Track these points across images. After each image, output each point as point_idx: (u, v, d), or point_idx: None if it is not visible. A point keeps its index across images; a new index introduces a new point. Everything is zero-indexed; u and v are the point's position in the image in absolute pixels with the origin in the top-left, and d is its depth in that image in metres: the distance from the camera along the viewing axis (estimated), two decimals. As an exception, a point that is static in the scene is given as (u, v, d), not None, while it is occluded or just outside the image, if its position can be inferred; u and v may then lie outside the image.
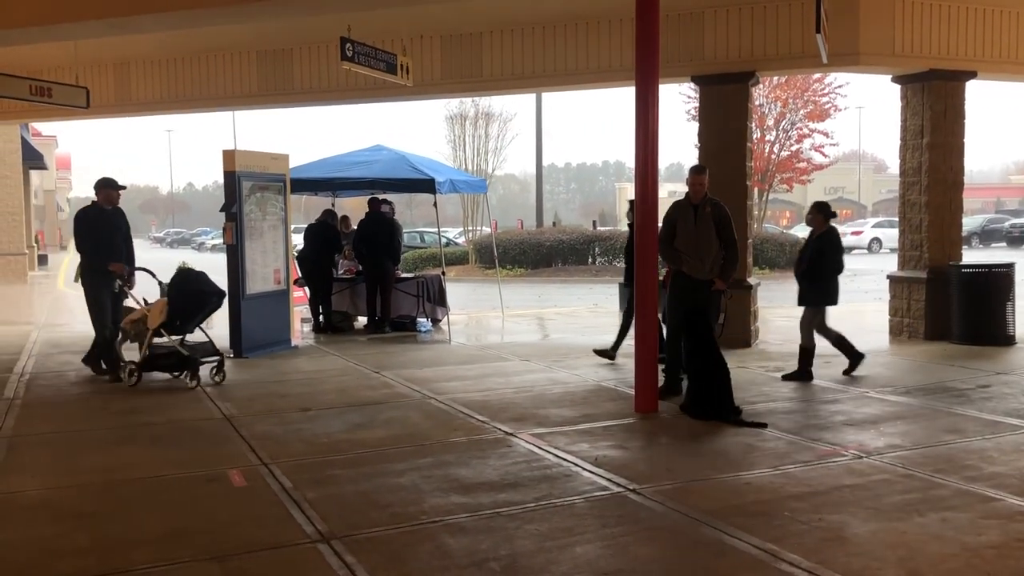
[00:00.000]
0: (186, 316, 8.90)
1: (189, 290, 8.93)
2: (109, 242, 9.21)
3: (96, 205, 9.36)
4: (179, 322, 8.87)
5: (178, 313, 8.82)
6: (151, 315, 8.87)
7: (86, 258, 9.20)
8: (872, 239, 40.71)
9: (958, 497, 5.14)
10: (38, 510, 5.21)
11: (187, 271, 9.53)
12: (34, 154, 29.95)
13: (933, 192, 11.27)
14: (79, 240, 9.23)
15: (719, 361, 7.34)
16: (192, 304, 8.92)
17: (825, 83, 29.05)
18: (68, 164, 68.49)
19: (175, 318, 8.82)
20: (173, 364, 9.01)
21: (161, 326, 8.79)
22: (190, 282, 9.06)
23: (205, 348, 9.12)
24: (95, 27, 9.81)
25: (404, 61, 11.10)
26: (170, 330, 8.86)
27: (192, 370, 8.81)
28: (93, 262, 9.15)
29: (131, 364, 8.99)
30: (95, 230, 9.20)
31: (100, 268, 9.11)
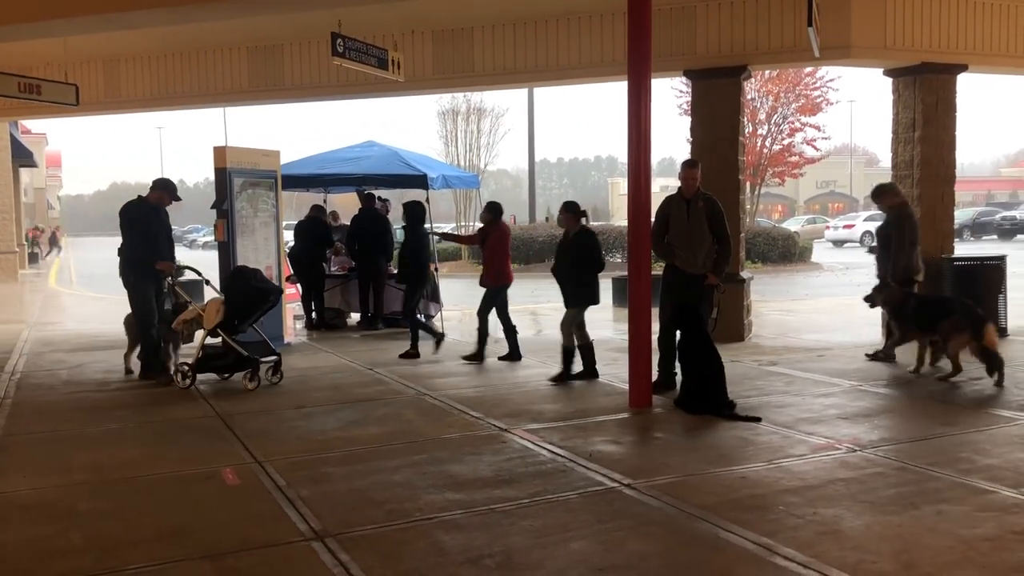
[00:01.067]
0: (244, 315, 8.67)
1: (248, 288, 8.67)
2: (156, 240, 8.90)
3: (144, 201, 8.99)
4: (236, 321, 8.61)
5: (237, 312, 8.58)
6: (207, 315, 8.58)
7: (134, 254, 8.77)
8: (864, 232, 40.72)
9: (953, 490, 5.15)
10: (32, 510, 5.17)
11: (243, 269, 9.22)
12: (23, 152, 29.79)
13: (925, 185, 11.28)
14: (127, 234, 8.80)
15: (713, 355, 7.34)
16: (251, 303, 8.70)
17: (817, 77, 29.11)
18: (58, 162, 68.31)
19: (233, 317, 8.57)
20: (229, 364, 8.69)
21: (218, 326, 8.52)
22: (248, 280, 8.78)
23: (262, 348, 8.82)
24: (87, 23, 9.76)
25: (395, 56, 11.06)
26: (227, 330, 8.56)
27: (253, 370, 8.52)
28: (142, 259, 8.76)
29: (184, 365, 8.70)
30: (145, 225, 8.81)
31: (148, 265, 8.77)
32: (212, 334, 8.60)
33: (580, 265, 8.68)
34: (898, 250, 9.20)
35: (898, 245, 9.21)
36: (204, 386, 8.73)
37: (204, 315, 8.63)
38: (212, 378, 8.95)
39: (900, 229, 9.23)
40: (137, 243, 8.77)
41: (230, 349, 8.57)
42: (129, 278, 8.83)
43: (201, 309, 8.75)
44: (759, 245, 26.54)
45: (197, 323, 8.78)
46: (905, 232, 9.24)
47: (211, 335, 8.62)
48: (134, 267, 8.79)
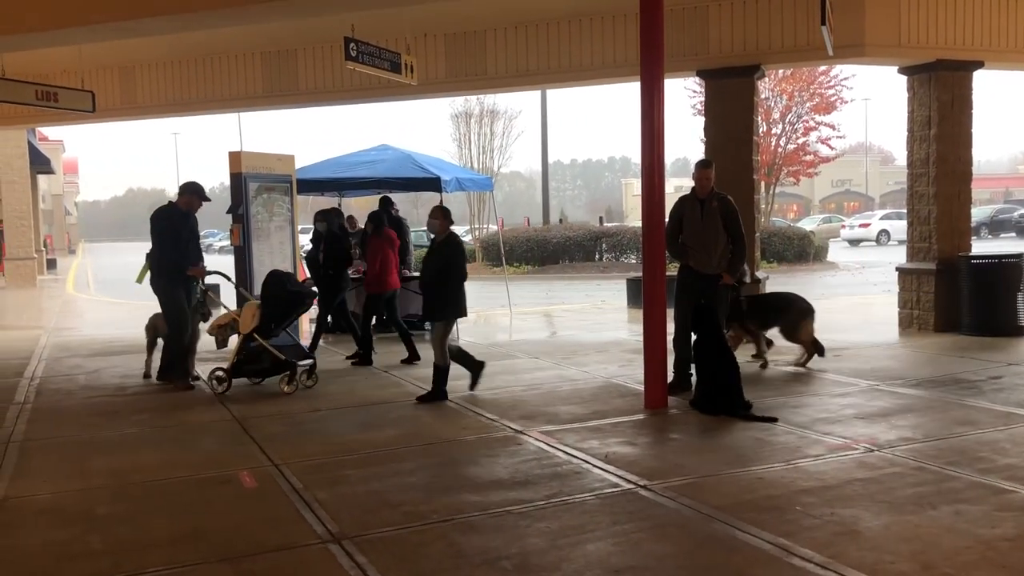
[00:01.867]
0: (279, 319, 8.69)
1: (284, 292, 8.69)
2: (187, 245, 8.87)
3: (174, 206, 8.94)
4: (272, 325, 8.61)
5: (272, 316, 8.59)
6: (243, 319, 8.57)
7: (166, 259, 8.69)
8: (880, 231, 40.57)
9: (971, 489, 5.11)
10: (50, 514, 5.22)
11: (278, 273, 9.15)
12: (41, 159, 30.03)
13: (941, 183, 11.21)
14: (159, 239, 8.73)
15: (728, 356, 7.32)
16: (287, 307, 8.75)
17: (831, 75, 28.98)
18: (75, 168, 68.76)
19: (270, 322, 8.58)
20: (265, 369, 8.62)
21: (254, 330, 8.52)
22: (283, 284, 8.80)
23: (296, 351, 8.85)
24: (100, 31, 9.83)
25: (408, 60, 11.09)
26: (263, 334, 8.55)
27: (291, 373, 8.49)
28: (172, 264, 8.70)
29: (219, 370, 8.60)
30: (175, 231, 8.75)
31: (179, 271, 8.71)
32: (248, 339, 8.58)
33: (444, 275, 7.94)
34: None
35: None
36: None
37: (240, 319, 8.62)
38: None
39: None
40: (168, 248, 8.71)
41: (266, 353, 8.55)
42: (160, 283, 8.77)
43: (236, 314, 8.74)
44: (775, 245, 26.45)
45: (232, 328, 8.76)
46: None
47: (247, 339, 8.59)
48: (164, 272, 8.74)
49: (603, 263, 27.42)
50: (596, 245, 28.21)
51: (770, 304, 9.31)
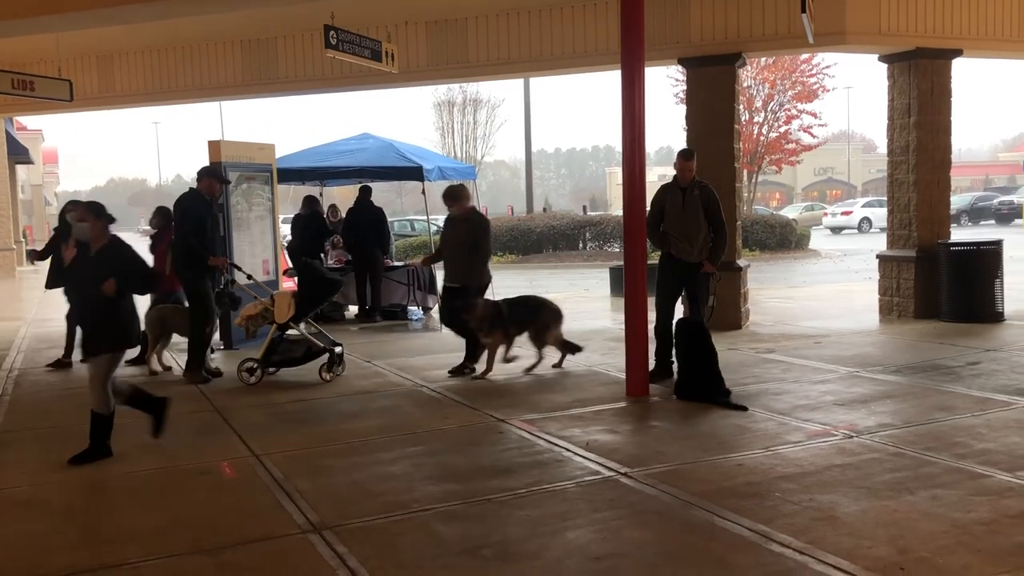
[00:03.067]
0: (311, 308, 8.81)
1: (317, 281, 8.82)
2: (212, 234, 8.71)
3: (198, 192, 8.74)
4: (303, 313, 8.65)
5: (307, 306, 8.65)
6: (279, 309, 8.50)
7: (192, 249, 8.46)
8: (862, 219, 40.77)
9: (948, 474, 5.16)
10: (28, 506, 5.19)
11: (310, 263, 9.31)
12: (19, 148, 29.69)
13: (921, 171, 11.27)
14: (184, 226, 8.53)
15: (707, 342, 7.34)
16: (321, 295, 8.91)
17: (813, 64, 29.04)
18: (55, 158, 68.07)
19: (305, 311, 8.64)
20: (299, 357, 8.61)
21: (291, 319, 8.51)
22: (315, 272, 8.95)
23: (325, 338, 8.79)
24: (79, 18, 9.73)
25: (389, 48, 11.03)
26: (298, 322, 8.59)
27: (330, 360, 8.56)
28: (199, 253, 8.50)
29: (250, 361, 8.48)
30: (200, 219, 8.54)
31: (203, 261, 8.51)
32: (283, 328, 8.55)
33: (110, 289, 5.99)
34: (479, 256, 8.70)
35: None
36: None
37: (275, 309, 8.54)
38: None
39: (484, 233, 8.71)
40: (191, 238, 8.49)
41: (301, 342, 8.63)
42: (187, 274, 8.60)
43: (268, 303, 8.66)
44: (757, 233, 26.51)
45: (263, 317, 8.65)
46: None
47: (281, 329, 8.55)
48: (191, 261, 8.54)
49: (587, 252, 27.43)
50: (580, 234, 28.20)
51: (526, 306, 8.83)
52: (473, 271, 8.63)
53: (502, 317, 8.51)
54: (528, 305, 8.90)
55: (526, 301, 9.02)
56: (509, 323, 8.55)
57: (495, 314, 8.49)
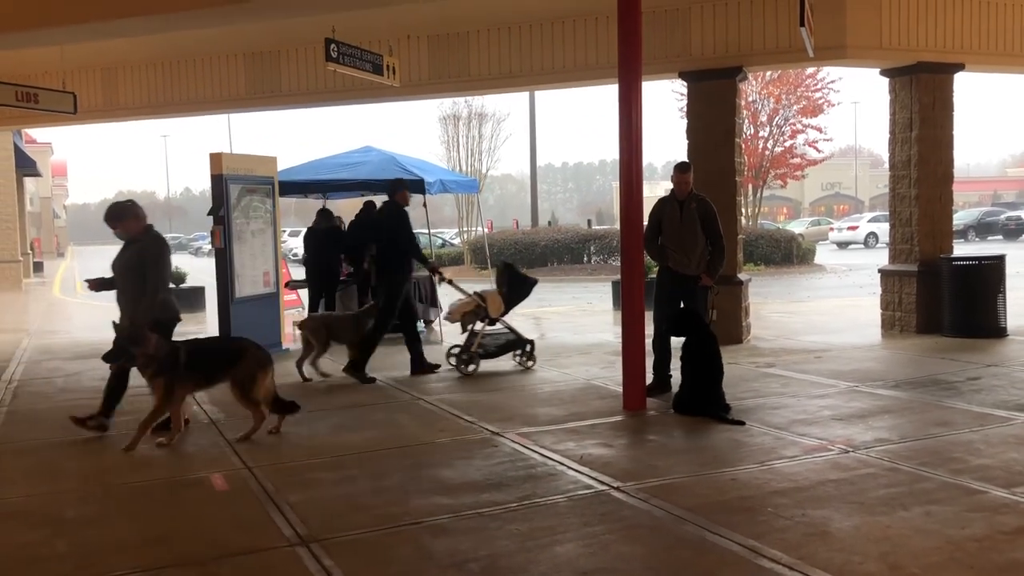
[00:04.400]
0: (515, 304, 9.74)
1: (519, 281, 9.67)
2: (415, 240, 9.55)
3: (395, 203, 9.44)
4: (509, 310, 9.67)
5: (512, 303, 9.65)
6: (492, 306, 9.45)
7: (409, 255, 9.35)
8: (868, 234, 40.70)
9: (943, 490, 5.11)
10: (19, 517, 5.17)
11: (509, 264, 10.25)
12: (27, 161, 29.87)
13: (923, 185, 11.24)
14: (397, 236, 9.33)
15: (715, 358, 7.27)
16: (522, 294, 9.71)
17: (818, 79, 29.06)
18: (64, 171, 68.50)
19: (510, 307, 9.64)
20: (501, 347, 9.59)
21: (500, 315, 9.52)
22: (517, 274, 9.84)
23: (518, 334, 9.78)
24: (81, 31, 9.79)
25: (390, 62, 11.06)
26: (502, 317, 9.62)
27: (530, 350, 9.60)
28: (418, 258, 9.49)
29: (464, 354, 9.38)
30: (409, 228, 9.45)
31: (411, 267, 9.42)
32: (491, 322, 9.58)
33: None
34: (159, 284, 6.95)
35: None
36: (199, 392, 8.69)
37: (489, 306, 9.45)
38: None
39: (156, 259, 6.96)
40: (405, 243, 9.31)
41: (504, 334, 9.75)
42: (396, 278, 9.33)
43: (479, 301, 9.51)
44: (762, 247, 26.47)
45: (476, 314, 9.53)
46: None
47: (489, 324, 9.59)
48: (403, 268, 9.35)
49: (591, 266, 27.42)
50: (584, 248, 28.21)
51: (217, 352, 7.11)
52: (143, 304, 6.77)
53: (176, 363, 6.56)
54: (220, 350, 7.14)
55: (219, 345, 7.37)
56: (187, 372, 6.60)
57: (167, 359, 6.54)
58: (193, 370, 6.66)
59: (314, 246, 12.99)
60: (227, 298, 10.75)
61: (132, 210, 7.10)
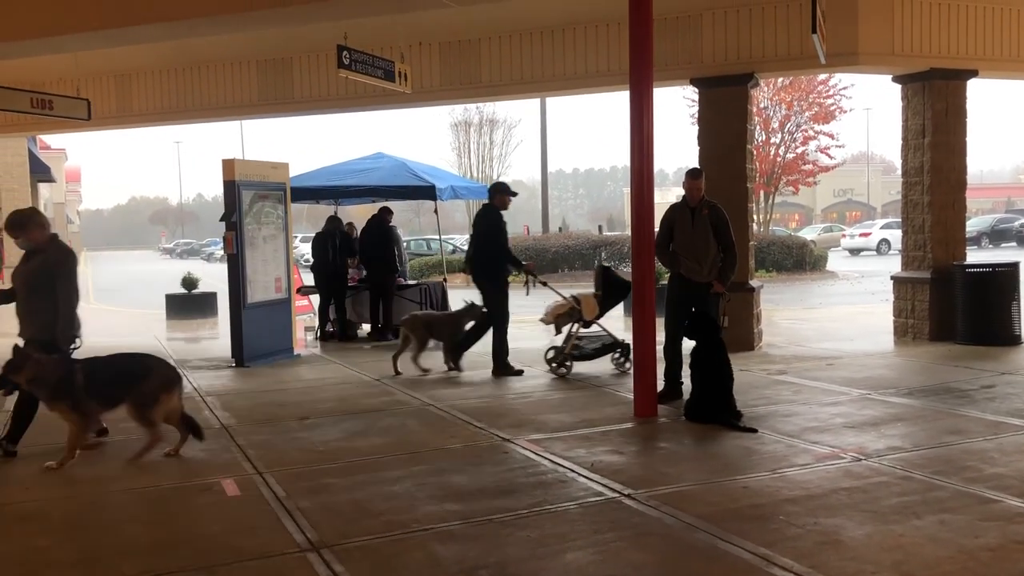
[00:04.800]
0: (611, 307, 9.84)
1: (616, 284, 9.77)
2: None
3: (493, 207, 9.67)
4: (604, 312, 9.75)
5: (608, 306, 9.73)
6: (586, 308, 9.53)
7: (502, 257, 9.58)
8: (880, 240, 40.50)
9: (957, 499, 5.07)
10: (30, 522, 5.19)
11: (607, 268, 10.44)
12: (41, 167, 29.94)
13: (936, 192, 11.19)
14: (500, 238, 9.54)
15: (725, 365, 7.25)
16: (619, 297, 9.83)
17: (830, 85, 28.98)
18: (78, 177, 68.82)
19: (605, 311, 9.71)
20: (597, 350, 9.70)
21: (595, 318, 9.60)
22: (613, 277, 10.00)
23: (614, 337, 9.83)
24: (94, 38, 9.86)
25: (402, 68, 11.09)
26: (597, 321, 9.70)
27: (624, 352, 9.56)
28: (512, 261, 9.73)
29: (560, 355, 9.50)
30: (505, 230, 9.69)
31: (508, 269, 9.72)
32: (586, 324, 9.65)
33: None
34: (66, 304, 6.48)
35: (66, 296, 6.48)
36: (211, 398, 8.75)
37: (583, 309, 9.53)
38: (214, 385, 8.94)
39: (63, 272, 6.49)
40: (502, 245, 9.59)
41: (600, 336, 9.82)
42: (499, 280, 9.63)
43: (574, 303, 9.59)
44: (774, 254, 26.40)
45: (570, 316, 9.63)
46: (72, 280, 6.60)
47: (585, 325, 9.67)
48: (502, 269, 9.66)
49: (602, 272, 27.41)
50: (595, 254, 28.20)
51: (120, 371, 6.51)
52: (59, 323, 6.41)
53: (72, 385, 6.15)
54: (123, 369, 6.52)
55: (123, 363, 6.62)
56: (86, 394, 6.21)
57: (61, 382, 6.15)
58: (93, 392, 6.22)
59: (322, 251, 13.05)
60: (239, 304, 10.79)
61: (36, 219, 6.57)
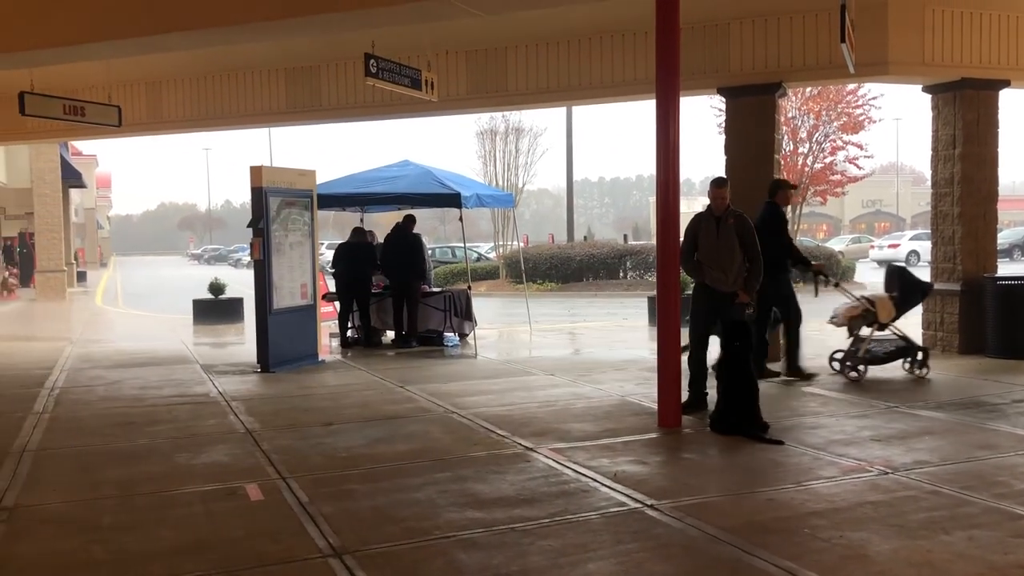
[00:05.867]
0: (907, 310, 9.74)
1: (913, 285, 9.71)
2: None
3: (776, 204, 9.60)
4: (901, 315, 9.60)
5: (904, 308, 9.63)
6: (881, 311, 9.41)
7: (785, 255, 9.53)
8: (910, 252, 40.06)
9: (987, 515, 4.99)
10: (58, 523, 5.24)
11: (902, 269, 10.27)
12: (73, 173, 30.51)
13: (966, 203, 11.05)
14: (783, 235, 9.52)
15: (750, 375, 7.19)
16: (916, 299, 9.80)
17: (859, 95, 28.70)
18: (109, 183, 69.78)
19: (901, 313, 9.58)
20: (890, 353, 9.56)
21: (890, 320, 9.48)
22: (910, 278, 9.86)
23: (910, 341, 9.64)
24: (125, 46, 9.97)
25: (429, 77, 11.14)
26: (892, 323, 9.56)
27: (924, 357, 9.48)
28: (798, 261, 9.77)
29: (848, 359, 9.40)
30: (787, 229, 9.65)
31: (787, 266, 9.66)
32: (880, 328, 9.49)
33: None
34: None
35: None
36: (236, 402, 8.81)
37: (878, 311, 9.40)
38: (240, 390, 9.00)
39: None
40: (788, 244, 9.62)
41: (892, 340, 9.65)
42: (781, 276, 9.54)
43: (870, 305, 9.47)
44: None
45: (864, 318, 9.51)
46: None
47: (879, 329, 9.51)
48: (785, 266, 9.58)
49: (627, 281, 27.31)
50: (620, 263, 28.12)
51: None
52: None
53: None
54: None
55: None
56: None
57: None
58: None
59: (347, 260, 13.12)
60: (265, 309, 10.87)
61: None
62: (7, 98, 13.46)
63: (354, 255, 13.12)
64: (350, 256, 13.14)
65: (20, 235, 32.22)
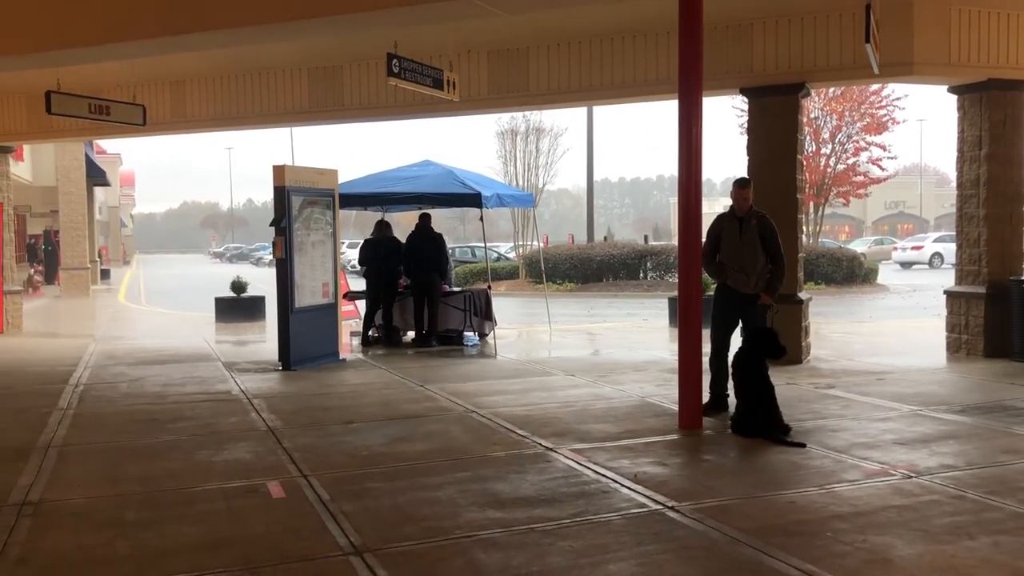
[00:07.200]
0: None
1: None
2: None
3: None
4: None
5: None
6: None
7: None
8: (933, 254, 39.74)
9: (1013, 520, 4.94)
10: (82, 519, 5.29)
11: None
12: (97, 171, 30.81)
13: (992, 205, 10.94)
14: None
15: (765, 377, 7.16)
16: None
17: (882, 96, 28.48)
18: (132, 181, 70.35)
19: None
20: None
21: None
22: None
23: None
24: (149, 45, 10.02)
25: (451, 76, 11.15)
26: None
27: None
28: None
29: None
30: None
31: None
32: None
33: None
34: None
35: None
36: (258, 400, 8.86)
37: None
38: (261, 388, 9.05)
39: None
40: None
41: None
42: None
43: None
44: (823, 266, 26.01)
45: None
46: None
47: None
48: None
49: (647, 281, 27.23)
50: (640, 263, 28.04)
51: None
52: None
53: None
54: None
55: None
56: None
57: None
58: None
59: (372, 256, 13.16)
60: (287, 308, 10.92)
61: None
62: (34, 97, 13.61)
63: (377, 252, 13.14)
64: (376, 252, 13.17)
65: (45, 232, 32.58)
